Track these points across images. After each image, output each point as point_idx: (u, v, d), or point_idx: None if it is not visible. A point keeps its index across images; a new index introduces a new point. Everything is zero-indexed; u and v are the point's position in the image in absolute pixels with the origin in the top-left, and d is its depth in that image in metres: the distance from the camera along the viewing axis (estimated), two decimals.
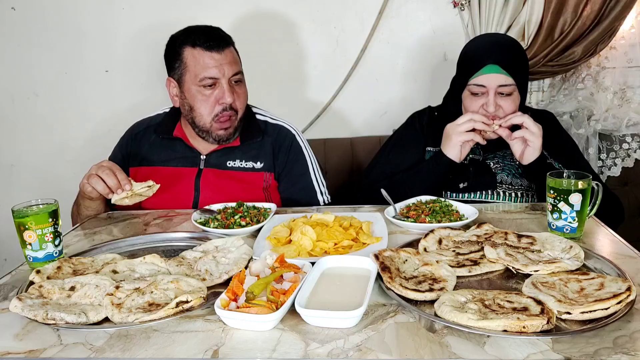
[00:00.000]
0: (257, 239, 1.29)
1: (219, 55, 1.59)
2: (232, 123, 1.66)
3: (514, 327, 0.84)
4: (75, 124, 2.49)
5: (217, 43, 1.60)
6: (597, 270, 1.07)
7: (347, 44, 2.33)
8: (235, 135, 1.70)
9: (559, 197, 1.22)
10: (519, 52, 1.65)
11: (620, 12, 2.08)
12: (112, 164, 1.53)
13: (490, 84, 1.57)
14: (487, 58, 1.58)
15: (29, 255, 1.22)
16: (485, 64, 1.57)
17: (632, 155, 2.29)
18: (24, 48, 2.41)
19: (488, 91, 1.58)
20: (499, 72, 1.56)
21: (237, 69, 1.64)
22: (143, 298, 0.99)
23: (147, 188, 1.50)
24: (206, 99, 1.62)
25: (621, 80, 2.30)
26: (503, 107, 1.58)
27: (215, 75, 1.59)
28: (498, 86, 1.57)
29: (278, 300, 0.93)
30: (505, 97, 1.58)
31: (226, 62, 1.60)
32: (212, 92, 1.61)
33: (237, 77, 1.64)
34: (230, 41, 1.65)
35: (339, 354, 0.82)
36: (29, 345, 0.89)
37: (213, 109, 1.62)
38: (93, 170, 1.50)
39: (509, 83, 1.56)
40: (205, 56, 1.59)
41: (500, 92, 1.58)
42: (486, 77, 1.57)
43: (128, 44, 2.37)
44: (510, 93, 1.58)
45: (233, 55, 1.64)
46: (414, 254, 1.12)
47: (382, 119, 2.40)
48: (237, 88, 1.65)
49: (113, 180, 1.46)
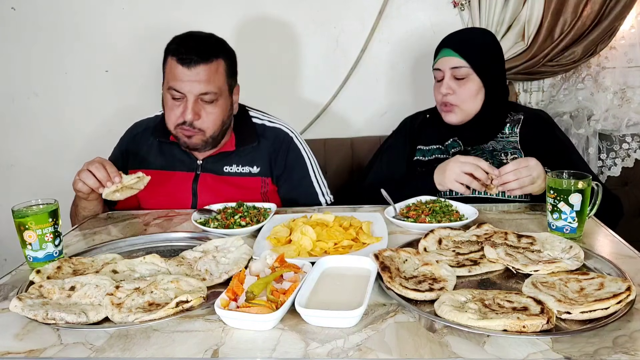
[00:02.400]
0: (257, 239, 1.30)
1: (188, 71, 1.52)
2: (194, 134, 1.59)
3: (514, 326, 0.84)
4: (75, 124, 2.49)
5: (192, 58, 1.51)
6: (597, 270, 1.07)
7: (347, 44, 2.33)
8: (206, 148, 1.65)
9: (558, 197, 1.22)
10: (479, 39, 1.70)
11: (620, 12, 2.08)
12: (103, 159, 1.51)
13: (444, 67, 1.66)
14: (444, 45, 1.69)
15: (29, 255, 1.22)
16: (441, 49, 1.69)
17: (632, 155, 2.29)
18: (24, 48, 2.41)
19: (444, 75, 1.66)
20: (452, 55, 1.65)
21: (207, 88, 1.53)
22: (143, 298, 0.99)
23: (137, 179, 1.49)
24: (172, 108, 1.58)
25: (621, 80, 2.30)
26: (457, 91, 1.65)
27: (181, 89, 1.53)
28: (451, 68, 1.65)
29: (278, 300, 0.93)
30: (460, 81, 1.65)
31: (196, 79, 1.52)
32: (179, 104, 1.57)
33: (207, 96, 1.54)
34: (212, 55, 1.54)
35: (339, 353, 0.82)
36: (29, 345, 0.89)
37: (177, 119, 1.58)
38: (84, 166, 1.49)
39: (461, 65, 1.63)
40: (177, 69, 1.53)
41: (455, 75, 1.65)
42: (441, 61, 1.68)
43: (128, 44, 2.37)
44: (464, 77, 1.64)
45: (207, 74, 1.53)
46: (414, 254, 1.12)
47: (382, 119, 2.40)
48: (208, 107, 1.57)
49: (102, 173, 1.45)
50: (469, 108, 1.67)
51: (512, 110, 1.76)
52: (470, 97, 1.66)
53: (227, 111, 1.64)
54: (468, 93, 1.65)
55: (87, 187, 1.48)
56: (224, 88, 1.60)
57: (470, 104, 1.67)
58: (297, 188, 1.75)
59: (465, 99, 1.66)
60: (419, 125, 1.83)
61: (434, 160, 1.72)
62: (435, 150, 1.75)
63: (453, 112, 1.68)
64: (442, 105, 1.70)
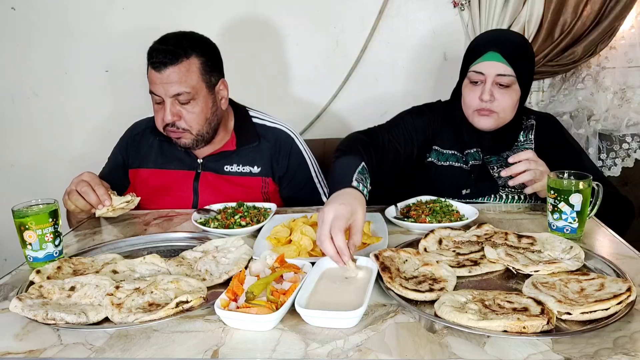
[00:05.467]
0: (257, 239, 1.29)
1: (159, 74, 1.53)
2: (182, 136, 1.60)
3: (514, 327, 0.84)
4: (75, 124, 2.49)
5: (160, 61, 1.52)
6: (597, 271, 1.07)
7: (347, 44, 2.32)
8: (199, 145, 1.65)
9: (559, 198, 1.22)
10: (525, 47, 1.59)
11: (620, 12, 2.08)
12: (91, 177, 1.50)
13: (489, 72, 1.53)
14: (490, 46, 1.54)
15: (29, 255, 1.22)
16: (486, 51, 1.54)
17: (632, 155, 2.29)
18: (24, 48, 2.41)
19: (486, 79, 1.53)
20: (499, 61, 1.52)
21: (180, 89, 1.54)
22: (143, 298, 0.99)
23: (127, 203, 1.50)
24: (157, 112, 1.61)
25: (621, 80, 2.30)
26: (499, 99, 1.54)
27: (158, 93, 1.56)
28: (496, 75, 1.52)
29: (278, 300, 0.93)
30: (503, 88, 1.53)
31: (167, 82, 1.53)
32: (160, 107, 1.59)
33: (181, 97, 1.55)
34: (181, 56, 1.54)
35: (339, 354, 0.82)
36: (29, 345, 0.89)
37: (161, 122, 1.60)
38: (73, 185, 1.48)
39: (508, 73, 1.52)
40: (151, 73, 1.56)
41: (499, 82, 1.53)
42: (485, 64, 1.53)
43: (128, 44, 2.37)
44: (508, 85, 1.53)
45: (178, 74, 1.53)
46: (414, 254, 1.12)
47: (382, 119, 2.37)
48: (187, 107, 1.57)
49: (92, 197, 1.45)
50: (506, 117, 1.58)
51: (523, 115, 1.69)
52: (511, 107, 1.56)
53: (209, 108, 1.62)
54: (510, 102, 1.55)
55: (78, 209, 1.48)
56: (200, 86, 1.58)
57: (509, 113, 1.58)
58: (302, 189, 1.75)
59: (506, 107, 1.55)
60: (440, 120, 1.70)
61: (447, 167, 1.65)
62: (451, 157, 1.66)
63: (490, 117, 1.56)
64: (478, 109, 1.57)
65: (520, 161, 1.38)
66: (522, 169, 1.37)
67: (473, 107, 1.58)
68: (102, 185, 1.49)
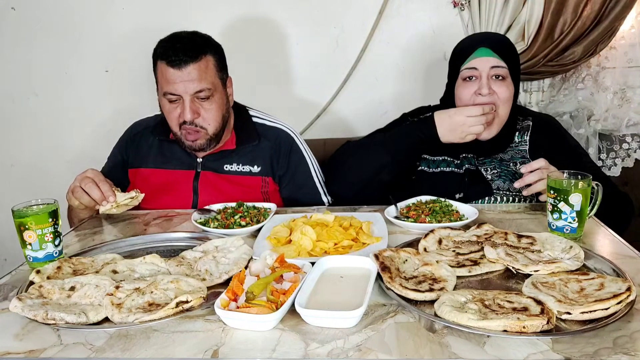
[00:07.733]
0: (257, 239, 1.30)
1: (179, 72, 1.53)
2: (199, 136, 1.61)
3: (514, 327, 0.84)
4: (75, 124, 2.49)
5: (181, 59, 1.52)
6: (597, 271, 1.07)
7: (347, 44, 2.32)
8: (211, 146, 1.66)
9: (559, 197, 1.22)
10: (512, 45, 1.63)
11: (620, 12, 2.08)
12: (95, 174, 1.50)
13: (483, 66, 1.54)
14: (479, 43, 1.57)
15: (29, 255, 1.22)
16: (476, 48, 1.56)
17: (632, 155, 2.29)
18: (24, 48, 2.41)
19: (481, 74, 1.54)
20: (491, 55, 1.53)
21: (201, 86, 1.55)
22: (143, 298, 0.99)
23: (131, 199, 1.50)
24: (171, 112, 1.60)
25: (621, 80, 2.29)
26: (497, 92, 1.54)
27: (176, 92, 1.55)
28: (491, 67, 1.53)
29: (278, 300, 0.93)
30: (499, 81, 1.54)
31: (188, 79, 1.53)
32: (176, 106, 1.58)
33: (202, 93, 1.56)
34: (200, 53, 1.55)
35: (339, 354, 0.82)
36: (29, 345, 0.89)
37: (178, 121, 1.59)
38: (77, 182, 1.48)
39: (502, 65, 1.53)
40: (168, 72, 1.54)
41: (494, 74, 1.54)
42: (478, 60, 1.55)
43: (128, 44, 2.37)
44: (504, 77, 1.54)
45: (198, 72, 1.54)
46: (414, 254, 1.12)
47: (382, 119, 2.38)
48: (205, 104, 1.58)
49: (97, 193, 1.45)
50: (504, 114, 1.57)
51: (519, 115, 1.69)
52: (508, 100, 1.55)
53: (224, 105, 1.65)
54: (508, 94, 1.55)
55: (82, 205, 1.48)
56: (217, 82, 1.61)
57: (506, 108, 1.57)
58: (302, 189, 1.75)
59: (505, 100, 1.55)
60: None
61: (439, 173, 1.65)
62: (442, 163, 1.65)
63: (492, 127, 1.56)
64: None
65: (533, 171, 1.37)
66: (535, 178, 1.37)
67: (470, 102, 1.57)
68: (106, 181, 1.49)
